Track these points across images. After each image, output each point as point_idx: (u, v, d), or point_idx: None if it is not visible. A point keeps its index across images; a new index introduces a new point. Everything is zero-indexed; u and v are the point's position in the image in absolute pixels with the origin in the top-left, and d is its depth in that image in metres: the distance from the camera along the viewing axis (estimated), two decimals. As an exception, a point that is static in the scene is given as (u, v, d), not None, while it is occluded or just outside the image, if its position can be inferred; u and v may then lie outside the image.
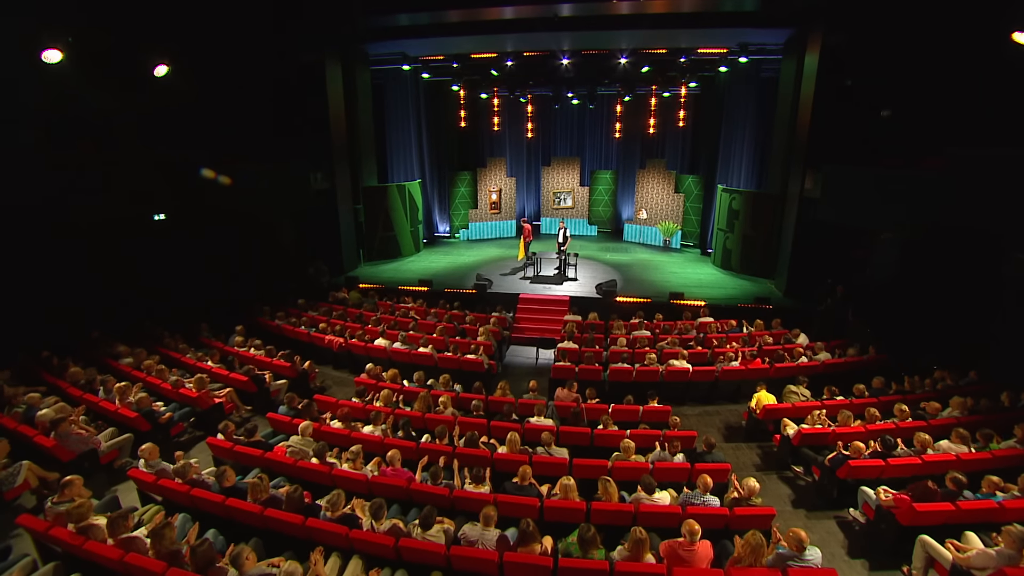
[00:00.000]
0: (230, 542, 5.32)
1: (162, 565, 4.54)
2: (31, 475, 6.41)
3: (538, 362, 11.04)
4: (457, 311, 12.18)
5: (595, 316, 11.41)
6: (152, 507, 5.71)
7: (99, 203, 10.53)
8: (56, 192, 9.65)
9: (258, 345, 10.37)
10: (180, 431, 7.83)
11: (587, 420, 7.66)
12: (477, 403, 7.78)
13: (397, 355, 10.29)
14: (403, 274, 15.37)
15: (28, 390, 7.95)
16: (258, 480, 5.46)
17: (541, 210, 20.67)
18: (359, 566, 4.93)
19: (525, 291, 13.33)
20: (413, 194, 17.21)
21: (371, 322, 11.71)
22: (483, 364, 9.70)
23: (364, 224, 16.50)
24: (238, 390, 8.92)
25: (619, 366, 9.06)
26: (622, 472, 6.18)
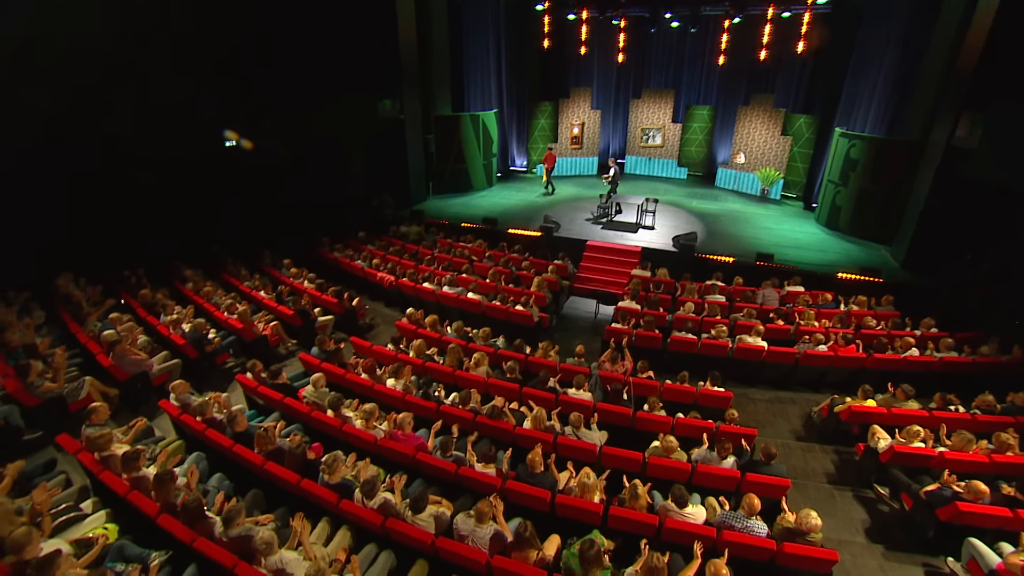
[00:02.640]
0: (237, 488, 5.16)
1: (155, 508, 4.39)
2: (93, 390, 6.64)
3: (596, 318, 9.99)
4: (516, 255, 11.29)
5: (665, 273, 10.02)
6: (175, 442, 5.65)
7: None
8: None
9: (311, 278, 10.22)
10: (225, 360, 7.86)
11: (634, 396, 6.65)
12: (513, 364, 7.02)
13: (445, 299, 9.71)
14: (471, 210, 14.57)
15: (108, 308, 8.36)
16: (263, 431, 5.15)
17: (627, 148, 18.63)
18: (347, 538, 4.53)
19: (594, 238, 12.06)
20: (488, 125, 16.02)
21: (425, 260, 11.19)
22: (532, 317, 8.86)
23: (435, 155, 15.71)
24: (285, 323, 8.82)
25: (681, 335, 7.83)
26: (657, 470, 5.22)
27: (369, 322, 10.19)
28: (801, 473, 6.05)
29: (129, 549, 4.24)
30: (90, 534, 4.42)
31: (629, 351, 7.47)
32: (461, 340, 8.02)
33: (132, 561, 4.18)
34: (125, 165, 10.25)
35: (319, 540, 4.47)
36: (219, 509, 4.52)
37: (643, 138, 18.02)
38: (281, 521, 4.59)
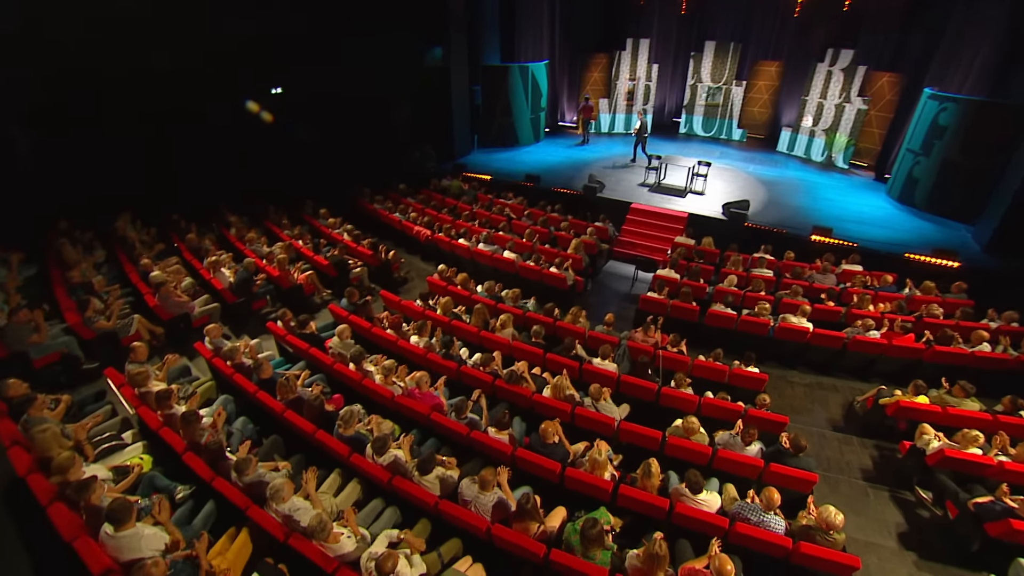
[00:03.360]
0: (260, 433, 5.33)
1: (182, 445, 4.58)
2: (142, 328, 6.99)
3: (633, 287, 9.56)
4: (556, 214, 10.88)
5: (710, 242, 9.39)
6: (207, 383, 5.87)
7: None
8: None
9: (349, 229, 10.25)
10: (263, 306, 8.05)
11: (663, 370, 6.34)
12: (539, 328, 6.81)
13: (479, 257, 9.52)
14: (515, 165, 14.10)
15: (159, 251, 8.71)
16: (285, 380, 5.23)
17: (684, 106, 17.33)
18: (356, 491, 4.59)
19: (640, 200, 11.43)
20: (537, 77, 15.23)
21: (463, 216, 10.97)
22: (567, 281, 8.56)
23: (481, 108, 15.18)
24: (321, 273, 8.92)
25: (719, 309, 7.35)
26: (675, 450, 4.97)
27: (404, 276, 10.18)
28: (834, 466, 5.65)
29: (159, 480, 4.47)
30: (128, 462, 4.69)
31: (663, 322, 7.12)
32: (490, 300, 7.87)
33: (161, 491, 4.41)
34: (180, 116, 10.45)
35: (330, 490, 4.56)
36: (244, 452, 4.66)
37: (702, 96, 16.68)
38: (297, 469, 4.70)
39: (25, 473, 4.29)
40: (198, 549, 3.62)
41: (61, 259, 7.73)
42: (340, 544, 3.76)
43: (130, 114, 9.90)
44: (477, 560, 4.05)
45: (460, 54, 13.56)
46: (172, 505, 4.23)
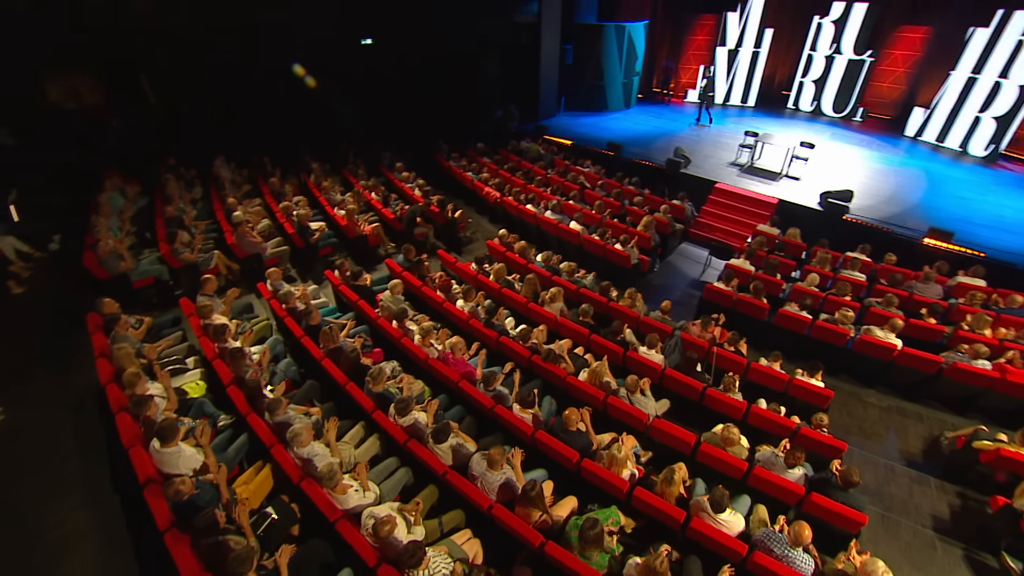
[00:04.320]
0: (302, 376, 5.58)
1: (230, 377, 4.89)
2: (220, 262, 7.55)
3: (704, 273, 8.82)
4: (632, 187, 10.21)
5: (796, 234, 8.34)
6: (263, 322, 6.22)
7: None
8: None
9: (420, 184, 10.28)
10: (329, 252, 8.36)
11: (715, 368, 5.81)
12: (588, 307, 6.48)
13: (545, 224, 9.21)
14: (600, 132, 13.35)
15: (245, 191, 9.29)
16: (328, 329, 5.39)
17: (798, 77, 15.26)
18: (376, 446, 4.68)
19: (726, 180, 10.40)
20: (634, 38, 14.12)
21: (536, 181, 10.62)
22: (630, 259, 8.05)
23: (572, 68, 14.40)
24: (388, 226, 9.07)
25: (792, 311, 6.55)
26: (708, 459, 4.55)
27: (469, 236, 10.11)
28: (899, 506, 4.91)
29: (207, 407, 4.84)
30: (185, 386, 5.12)
31: (723, 320, 6.49)
32: (546, 271, 7.60)
33: (207, 417, 4.77)
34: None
35: (352, 441, 4.68)
36: (279, 393, 4.90)
37: (819, 66, 14.56)
38: (327, 416, 4.87)
39: (106, 382, 4.83)
40: (219, 477, 3.88)
41: (164, 193, 8.49)
42: (347, 496, 3.86)
43: (232, 67, 10.51)
44: (477, 535, 4.01)
45: (553, 10, 12.83)
46: (214, 431, 4.57)
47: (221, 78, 10.52)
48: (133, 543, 4.14)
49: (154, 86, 10.47)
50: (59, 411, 5.41)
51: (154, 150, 9.97)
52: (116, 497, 4.50)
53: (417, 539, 3.54)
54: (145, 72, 10.23)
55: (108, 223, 7.31)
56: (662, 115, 14.90)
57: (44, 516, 4.48)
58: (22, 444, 5.14)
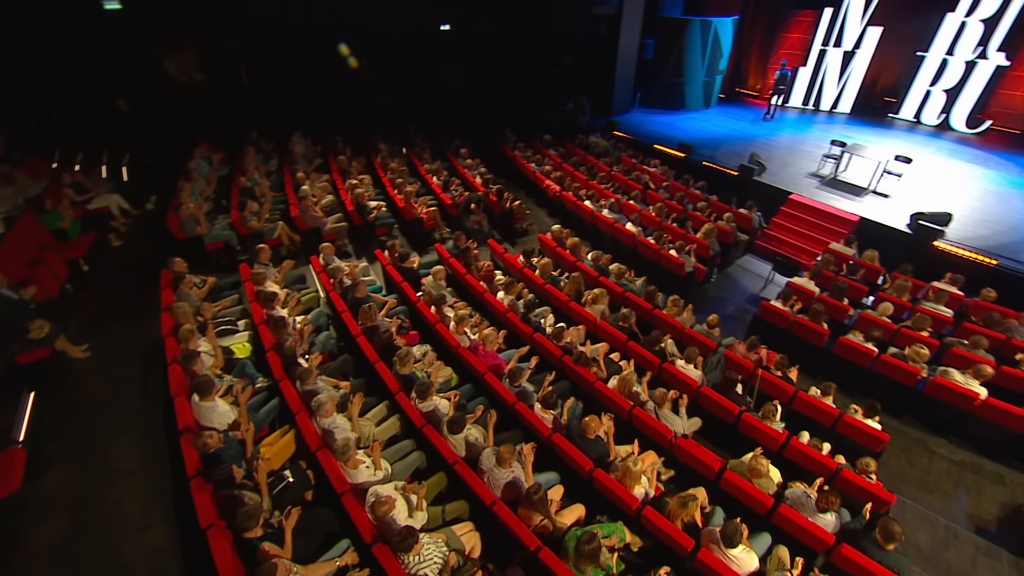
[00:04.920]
0: (340, 349, 5.78)
1: (271, 343, 5.16)
2: (283, 232, 7.98)
3: (764, 289, 8.21)
4: (697, 191, 9.67)
5: (874, 257, 7.53)
6: (311, 294, 6.49)
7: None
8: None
9: (482, 172, 10.30)
10: (384, 232, 8.59)
11: (757, 391, 5.40)
12: (629, 312, 6.23)
13: (601, 223, 8.95)
14: (674, 131, 12.77)
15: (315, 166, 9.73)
16: (368, 307, 5.54)
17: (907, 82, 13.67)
18: (395, 427, 4.76)
19: (802, 192, 9.59)
20: (721, 34, 13.29)
21: (598, 177, 10.32)
22: (685, 267, 7.65)
23: (650, 63, 13.80)
24: (445, 210, 9.17)
25: (856, 340, 5.94)
26: (731, 488, 4.24)
27: (525, 227, 10.02)
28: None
29: (248, 368, 5.13)
30: (233, 346, 5.46)
31: (778, 338, 6.02)
32: (594, 271, 7.39)
33: (250, 378, 5.07)
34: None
35: (374, 419, 4.79)
36: (313, 363, 5.10)
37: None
38: (356, 391, 5.01)
39: (166, 335, 5.25)
40: (247, 436, 4.10)
41: (242, 163, 9.07)
42: (357, 471, 3.96)
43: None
44: (478, 529, 3.99)
45: (636, 2, 12.31)
46: (252, 392, 4.84)
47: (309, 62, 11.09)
48: (171, 484, 4.49)
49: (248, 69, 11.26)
50: (133, 355, 5.96)
51: (242, 123, 10.68)
52: (164, 440, 4.90)
53: (414, 524, 3.57)
54: (243, 55, 10.99)
55: (192, 188, 7.93)
56: (743, 117, 13.97)
57: (107, 446, 4.96)
58: (99, 380, 5.71)
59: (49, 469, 4.73)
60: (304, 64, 11.05)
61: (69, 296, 6.86)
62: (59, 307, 6.33)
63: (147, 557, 3.97)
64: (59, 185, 8.00)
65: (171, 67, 10.91)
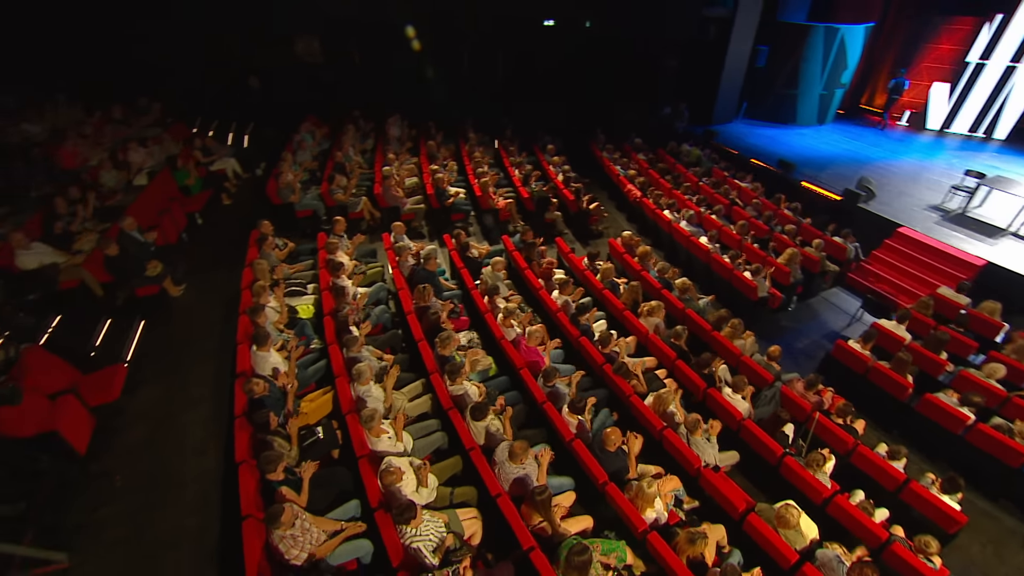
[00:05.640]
0: (393, 324, 6.07)
1: (330, 308, 5.54)
2: (365, 208, 8.48)
3: (848, 327, 7.39)
4: (789, 212, 8.89)
5: (993, 310, 6.45)
6: (377, 268, 6.84)
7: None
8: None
9: (566, 170, 10.20)
10: (460, 218, 8.82)
11: (810, 436, 4.90)
12: (683, 330, 5.92)
13: (677, 234, 8.54)
14: (777, 146, 11.80)
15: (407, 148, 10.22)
16: (422, 288, 5.74)
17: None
18: (426, 405, 4.92)
19: (916, 226, 8.44)
20: (848, 43, 11.98)
21: (683, 187, 9.83)
22: (758, 291, 7.10)
23: (762, 71, 12.80)
24: (521, 204, 9.22)
25: (948, 403, 5.16)
26: (755, 533, 3.90)
27: (600, 230, 9.82)
28: None
29: (307, 329, 5.55)
30: (299, 306, 5.92)
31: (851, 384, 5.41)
32: (657, 282, 7.08)
33: (307, 337, 5.48)
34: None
35: (408, 394, 4.97)
36: (362, 332, 5.38)
37: None
38: (396, 364, 5.23)
39: (244, 287, 5.84)
40: (291, 389, 4.45)
41: (340, 140, 9.76)
42: (379, 439, 4.15)
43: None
44: (481, 517, 4.02)
45: (753, 5, 11.44)
46: (305, 350, 5.24)
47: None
48: (226, 420, 5.00)
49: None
50: (220, 301, 6.69)
51: (349, 103, 11.52)
52: (229, 380, 5.46)
53: (419, 500, 3.69)
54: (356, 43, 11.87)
55: (293, 159, 8.67)
56: (862, 137, 12.53)
57: (188, 376, 5.65)
58: (191, 319, 6.50)
59: (142, 387, 5.47)
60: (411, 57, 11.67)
61: (183, 243, 7.84)
62: (173, 252, 7.25)
63: (195, 478, 4.48)
64: (191, 148, 9.13)
65: (300, 48, 12.02)
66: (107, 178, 7.87)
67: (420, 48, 11.93)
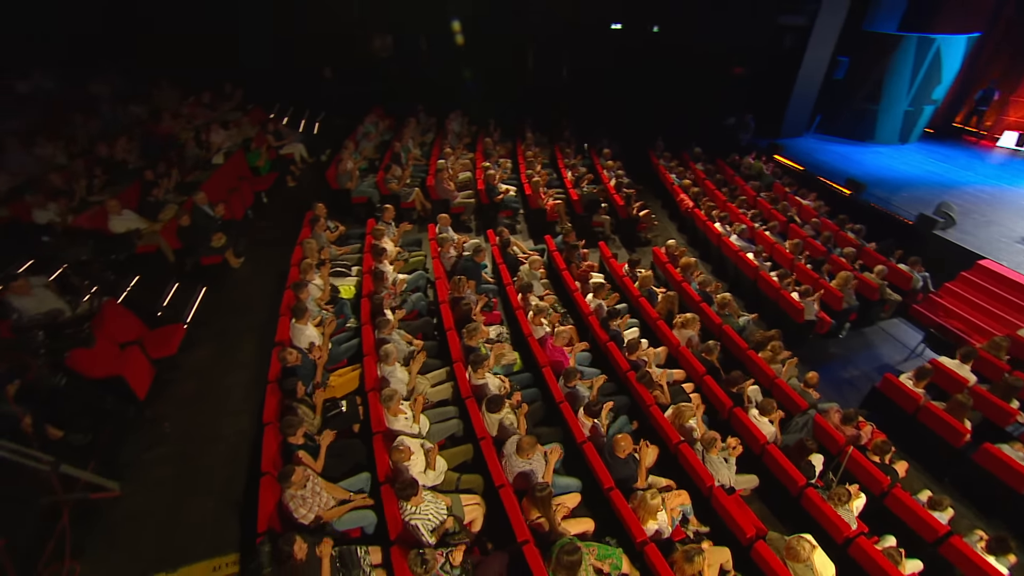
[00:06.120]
0: (427, 311, 6.25)
1: (368, 291, 5.80)
2: (417, 199, 8.74)
3: (905, 362, 6.83)
4: (851, 235, 8.32)
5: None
6: (418, 256, 7.05)
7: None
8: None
9: (619, 175, 10.06)
10: (508, 215, 8.92)
11: (841, 470, 4.60)
12: (714, 345, 5.72)
13: (725, 248, 8.23)
14: (849, 164, 11.07)
15: (464, 143, 10.45)
16: (458, 279, 5.88)
17: None
18: (447, 391, 5.04)
19: (1002, 259, 7.66)
20: (945, 55, 11.00)
21: (739, 200, 9.44)
22: (803, 313, 6.72)
23: (841, 84, 12.01)
24: (570, 205, 9.18)
25: (1014, 456, 4.67)
26: (761, 562, 3.72)
27: (649, 238, 9.61)
28: None
29: (346, 308, 5.83)
30: (341, 286, 6.23)
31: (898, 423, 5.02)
32: (697, 295, 6.87)
33: (345, 316, 5.76)
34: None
35: (432, 379, 5.12)
36: (396, 317, 5.58)
37: None
38: (423, 350, 5.39)
39: (294, 264, 6.21)
40: (321, 362, 4.71)
41: (401, 132, 10.12)
42: (396, 419, 4.32)
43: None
44: (484, 506, 4.08)
45: (836, 13, 10.75)
46: (340, 328, 5.51)
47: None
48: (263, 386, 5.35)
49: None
50: (274, 275, 7.13)
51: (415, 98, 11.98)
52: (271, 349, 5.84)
53: (425, 482, 3.81)
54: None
55: (355, 147, 9.10)
56: (951, 159, 11.47)
57: (237, 342, 6.09)
58: (247, 290, 6.99)
59: (196, 346, 5.96)
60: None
61: (248, 219, 8.43)
62: (237, 227, 7.81)
63: (231, 435, 4.84)
64: (265, 132, 9.79)
65: (376, 44, 12.61)
66: (190, 155, 8.60)
67: (463, 42, 12.21)
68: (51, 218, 6.65)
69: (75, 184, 7.39)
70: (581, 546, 3.39)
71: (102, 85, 10.39)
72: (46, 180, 7.26)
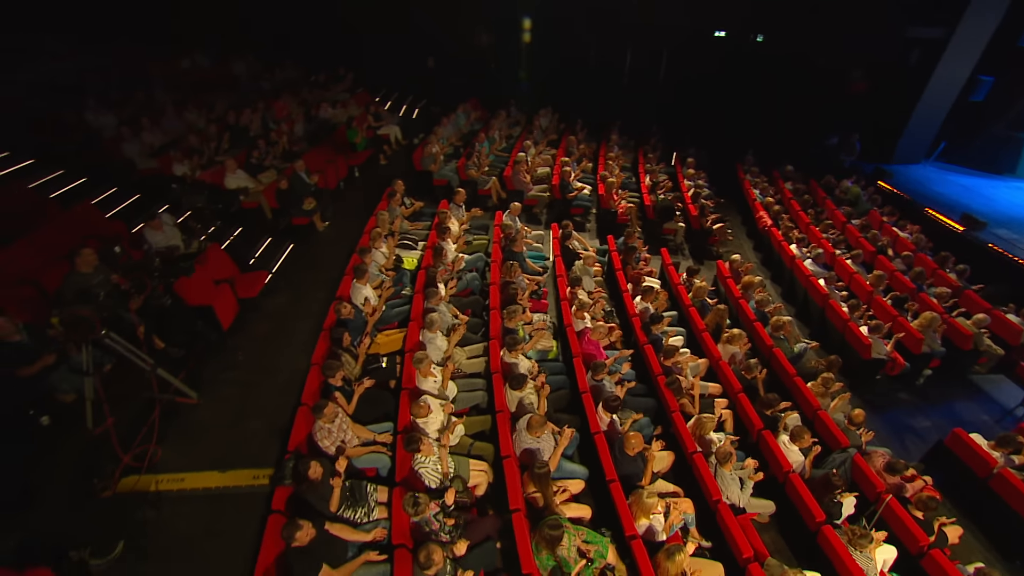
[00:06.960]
0: (479, 291, 6.55)
1: (426, 264, 6.20)
2: (494, 187, 9.03)
3: (998, 423, 6.01)
4: (952, 275, 7.43)
5: None
6: (483, 241, 7.33)
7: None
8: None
9: (699, 185, 9.74)
10: (579, 212, 9.02)
11: (876, 517, 4.26)
12: (753, 364, 5.47)
13: (799, 272, 7.73)
14: (972, 198, 9.85)
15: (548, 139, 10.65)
16: (510, 265, 6.10)
17: None
18: (480, 366, 5.32)
19: None
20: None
21: (823, 223, 8.76)
22: (871, 350, 6.17)
23: (979, 107, 10.56)
24: (642, 209, 9.06)
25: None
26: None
27: (720, 252, 9.20)
28: None
29: (405, 278, 6.29)
30: (405, 257, 6.70)
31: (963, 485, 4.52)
32: (752, 313, 6.56)
33: (404, 284, 6.21)
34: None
35: (470, 352, 5.39)
36: (447, 291, 5.91)
37: None
38: (469, 326, 5.68)
39: (365, 232, 6.78)
40: (372, 319, 5.17)
41: (489, 123, 10.53)
42: (425, 380, 4.64)
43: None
44: (491, 474, 4.29)
45: (981, 25, 9.43)
46: (394, 292, 5.96)
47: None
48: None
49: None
50: (351, 240, 7.76)
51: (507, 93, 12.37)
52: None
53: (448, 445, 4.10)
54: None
55: (443, 133, 9.63)
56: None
57: (310, 293, 6.75)
58: (327, 250, 7.70)
59: (275, 293, 6.73)
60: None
61: (340, 190, 9.25)
62: (328, 194, 8.61)
63: (288, 371, 5.44)
64: (366, 112, 10.65)
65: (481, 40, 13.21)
66: (298, 128, 9.61)
67: (530, 40, 12.31)
68: (184, 171, 7.81)
69: (206, 145, 8.58)
70: (568, 526, 3.49)
71: (240, 64, 11.87)
72: (185, 140, 8.52)
